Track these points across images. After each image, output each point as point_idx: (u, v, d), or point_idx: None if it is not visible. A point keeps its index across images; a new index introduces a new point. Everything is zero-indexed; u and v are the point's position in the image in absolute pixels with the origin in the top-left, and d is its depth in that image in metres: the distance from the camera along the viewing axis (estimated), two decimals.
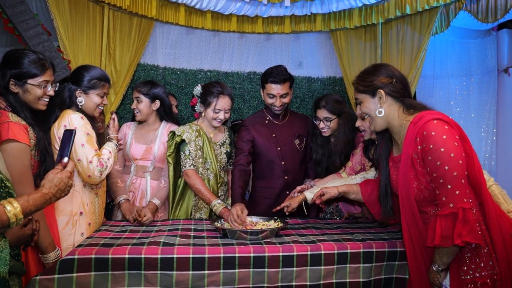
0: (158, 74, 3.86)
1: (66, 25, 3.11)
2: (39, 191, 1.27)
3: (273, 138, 2.58)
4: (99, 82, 2.03)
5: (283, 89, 2.48)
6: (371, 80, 1.60)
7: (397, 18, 3.52)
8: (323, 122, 2.46)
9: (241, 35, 3.99)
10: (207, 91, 2.46)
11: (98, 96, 2.04)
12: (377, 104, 1.59)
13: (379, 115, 1.59)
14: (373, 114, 1.61)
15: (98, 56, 3.35)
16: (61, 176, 1.33)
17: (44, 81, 1.76)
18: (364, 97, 1.63)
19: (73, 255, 1.59)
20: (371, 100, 1.61)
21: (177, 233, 1.90)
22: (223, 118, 2.45)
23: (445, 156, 1.39)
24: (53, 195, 1.30)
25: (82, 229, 1.96)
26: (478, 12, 3.14)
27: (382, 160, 1.73)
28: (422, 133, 1.45)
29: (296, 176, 2.57)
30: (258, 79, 4.05)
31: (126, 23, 3.49)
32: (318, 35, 4.05)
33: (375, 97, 1.59)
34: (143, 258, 1.61)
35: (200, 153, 2.43)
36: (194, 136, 2.42)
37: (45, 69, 1.76)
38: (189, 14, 3.61)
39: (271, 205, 2.42)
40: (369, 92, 1.60)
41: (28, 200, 1.21)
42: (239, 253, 1.67)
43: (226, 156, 2.55)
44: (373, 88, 1.59)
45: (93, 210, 2.03)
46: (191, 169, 2.38)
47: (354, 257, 1.76)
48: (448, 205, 1.40)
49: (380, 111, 1.58)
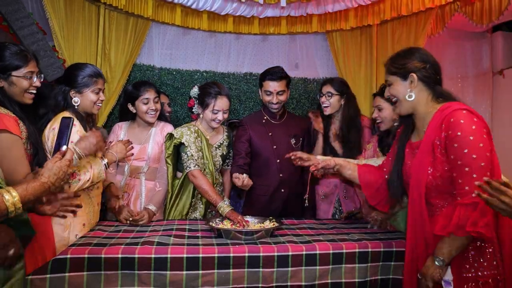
0: (154, 74, 3.85)
1: (61, 24, 3.09)
2: (38, 180, 1.27)
3: (269, 136, 2.63)
4: (92, 79, 1.99)
5: (279, 86, 2.56)
6: (404, 63, 1.57)
7: (393, 20, 3.53)
8: (326, 96, 2.60)
9: (238, 36, 3.98)
10: (204, 92, 2.44)
11: (93, 93, 2.00)
12: (407, 87, 1.56)
13: (409, 99, 1.56)
14: (402, 97, 1.58)
15: (93, 55, 3.33)
16: (60, 164, 1.32)
17: (29, 72, 1.73)
18: (395, 79, 1.60)
19: (65, 254, 1.57)
20: (401, 83, 1.58)
21: (171, 233, 1.88)
22: (222, 119, 2.44)
23: (474, 145, 1.37)
24: (52, 183, 1.29)
25: (76, 231, 1.93)
26: (473, 14, 3.15)
27: (399, 145, 1.70)
28: (449, 120, 1.43)
29: (291, 174, 2.60)
30: (254, 80, 4.05)
31: (122, 23, 3.47)
32: (314, 36, 4.05)
33: (406, 80, 1.57)
34: (136, 258, 1.60)
35: (201, 153, 2.42)
36: (193, 137, 2.40)
37: (28, 60, 1.73)
38: (186, 14, 3.60)
39: (266, 202, 2.44)
40: (400, 74, 1.58)
41: (26, 189, 1.20)
42: (233, 253, 1.67)
43: (221, 158, 2.55)
44: (405, 71, 1.56)
45: (87, 211, 2.00)
46: (197, 169, 2.35)
47: (350, 257, 1.75)
48: (470, 195, 1.36)
49: (411, 95, 1.55)
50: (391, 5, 3.34)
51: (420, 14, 3.34)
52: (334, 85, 2.61)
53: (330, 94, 2.58)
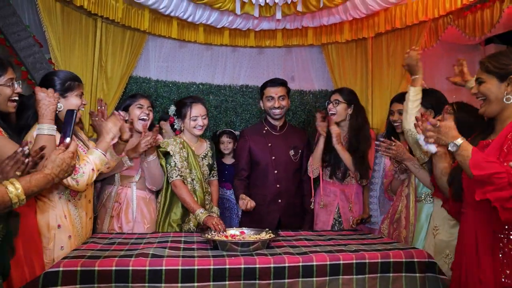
0: (151, 86, 3.86)
1: (58, 37, 3.10)
2: (41, 172, 1.27)
3: (268, 147, 2.70)
4: (74, 83, 1.94)
5: (281, 91, 2.69)
6: (507, 64, 1.49)
7: (387, 33, 3.58)
8: (333, 103, 2.66)
9: (234, 48, 4.02)
10: (180, 104, 2.58)
11: (77, 97, 1.94)
12: (503, 90, 1.50)
13: (506, 102, 1.50)
14: (493, 97, 1.52)
15: (90, 68, 3.34)
16: (63, 156, 1.33)
17: (9, 79, 1.71)
18: (490, 78, 1.53)
19: (57, 267, 1.54)
20: (497, 83, 1.51)
21: (166, 245, 1.86)
22: (203, 124, 2.52)
23: None
24: (56, 175, 1.30)
25: (62, 243, 1.87)
26: (466, 27, 3.20)
27: None
28: None
29: (288, 185, 2.62)
30: (250, 92, 4.07)
31: (118, 36, 3.50)
32: (309, 49, 4.09)
33: (503, 82, 1.50)
34: (130, 270, 1.57)
35: (186, 163, 2.48)
36: (178, 148, 2.49)
37: (6, 67, 1.71)
38: (182, 27, 3.63)
39: (263, 212, 2.47)
40: (498, 74, 1.51)
41: (30, 181, 1.21)
42: (229, 265, 1.64)
43: (208, 168, 2.61)
44: (505, 72, 1.49)
45: (72, 222, 1.93)
46: (178, 179, 2.43)
47: (347, 268, 1.73)
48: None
49: (509, 97, 1.49)
50: (385, 18, 3.40)
51: (414, 27, 3.39)
52: (343, 94, 2.68)
53: (337, 101, 2.65)
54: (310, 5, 2.99)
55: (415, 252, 1.83)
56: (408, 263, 1.79)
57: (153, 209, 2.54)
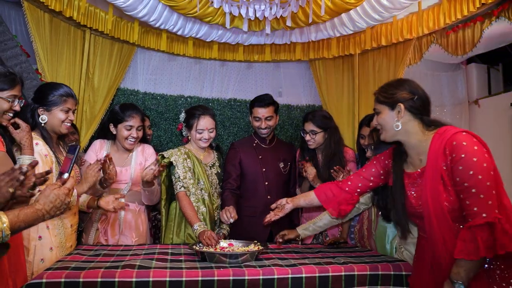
0: (138, 99, 3.84)
1: (45, 47, 3.07)
2: (31, 206, 1.18)
3: (259, 159, 2.72)
4: (61, 98, 1.96)
5: (267, 112, 2.66)
6: (393, 93, 1.60)
7: (373, 50, 3.67)
8: (309, 134, 2.56)
9: (223, 62, 4.05)
10: (189, 114, 2.52)
11: (62, 112, 1.95)
12: (395, 117, 1.59)
13: (396, 129, 1.58)
14: (388, 126, 1.61)
15: (77, 79, 3.31)
16: (58, 192, 1.24)
17: (12, 95, 1.70)
18: (383, 108, 1.63)
19: (40, 279, 1.49)
20: (389, 112, 1.61)
21: (153, 257, 1.82)
22: (208, 138, 2.48)
23: (478, 165, 1.38)
24: (47, 212, 1.20)
25: (42, 255, 1.83)
26: (448, 45, 3.32)
27: (395, 178, 1.68)
28: (451, 143, 1.44)
29: (279, 196, 2.59)
30: (238, 106, 4.09)
31: (107, 48, 3.49)
32: (297, 64, 4.16)
33: (394, 110, 1.59)
34: (116, 282, 1.52)
35: (190, 174, 2.45)
36: (182, 158, 2.46)
37: (15, 84, 1.70)
38: (171, 40, 3.65)
39: (254, 224, 2.44)
40: (388, 104, 1.60)
41: (18, 215, 1.12)
42: (218, 276, 1.61)
43: (217, 177, 2.59)
44: (393, 100, 1.59)
45: (55, 233, 1.89)
46: (181, 192, 2.40)
47: (336, 280, 1.72)
48: (481, 215, 1.35)
49: (398, 125, 1.57)
50: (371, 36, 3.49)
51: (399, 45, 3.50)
52: (315, 121, 2.54)
53: (315, 132, 2.54)
54: (299, 20, 3.05)
55: (403, 265, 1.84)
56: (396, 276, 1.79)
57: (143, 220, 2.49)
